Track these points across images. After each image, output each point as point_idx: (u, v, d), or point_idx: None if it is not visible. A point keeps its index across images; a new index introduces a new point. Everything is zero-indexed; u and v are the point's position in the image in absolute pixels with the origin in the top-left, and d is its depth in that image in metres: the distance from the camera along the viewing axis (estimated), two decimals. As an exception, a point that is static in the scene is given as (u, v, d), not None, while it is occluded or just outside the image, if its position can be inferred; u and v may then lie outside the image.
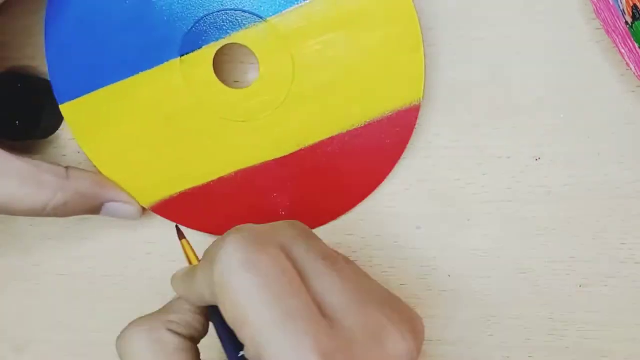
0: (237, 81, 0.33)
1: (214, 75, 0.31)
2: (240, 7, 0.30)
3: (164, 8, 0.31)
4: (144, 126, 0.32)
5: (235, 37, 0.31)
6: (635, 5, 0.28)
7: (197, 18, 0.31)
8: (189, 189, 0.33)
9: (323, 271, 0.24)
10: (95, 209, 0.32)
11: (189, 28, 0.31)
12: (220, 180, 0.33)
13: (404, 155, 0.33)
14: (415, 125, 0.31)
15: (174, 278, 0.29)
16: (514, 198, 0.32)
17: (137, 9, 0.31)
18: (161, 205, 0.34)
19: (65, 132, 0.35)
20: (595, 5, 0.28)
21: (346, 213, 0.34)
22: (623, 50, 0.27)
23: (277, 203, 0.33)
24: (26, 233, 0.36)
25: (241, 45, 0.31)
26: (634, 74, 0.29)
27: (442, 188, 0.33)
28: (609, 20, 0.27)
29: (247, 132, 0.32)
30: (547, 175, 0.32)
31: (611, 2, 0.27)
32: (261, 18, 0.30)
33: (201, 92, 0.32)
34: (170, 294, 0.35)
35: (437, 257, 0.33)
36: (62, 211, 0.31)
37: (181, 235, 0.31)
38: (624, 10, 0.27)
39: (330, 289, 0.24)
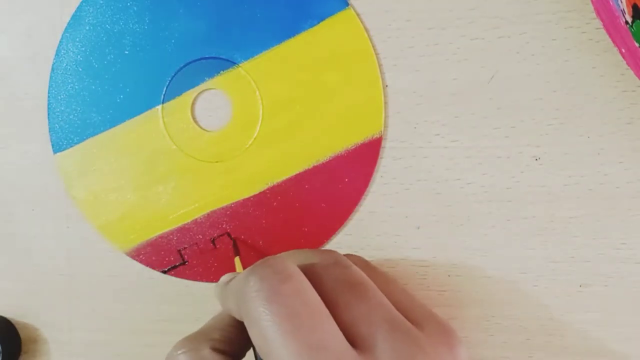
0: (212, 124, 0.34)
1: (191, 119, 0.34)
2: (216, 55, 0.33)
3: (148, 61, 0.34)
4: (125, 172, 0.34)
5: (211, 83, 0.33)
6: (635, 5, 0.28)
7: (178, 67, 0.33)
8: (165, 232, 0.34)
9: (352, 302, 0.24)
10: None
11: (171, 77, 0.34)
12: (195, 222, 0.34)
13: (403, 155, 0.33)
14: (378, 156, 0.33)
15: (216, 286, 0.29)
16: (514, 198, 0.32)
17: (124, 62, 0.34)
18: (137, 250, 0.35)
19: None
20: (595, 4, 0.28)
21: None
22: (623, 50, 0.27)
23: (250, 243, 0.34)
24: (26, 233, 0.36)
25: (216, 90, 0.33)
26: (634, 73, 0.28)
27: (442, 188, 0.33)
28: (608, 19, 0.27)
29: (220, 173, 0.34)
30: (547, 175, 0.32)
31: (611, 2, 0.27)
32: (234, 64, 0.33)
33: (178, 136, 0.34)
34: (168, 296, 0.35)
35: (437, 257, 0.33)
36: None
37: (236, 252, 0.32)
38: (623, 9, 0.27)
39: (359, 319, 0.24)
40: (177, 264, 0.35)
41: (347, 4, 0.32)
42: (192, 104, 0.34)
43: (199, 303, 0.35)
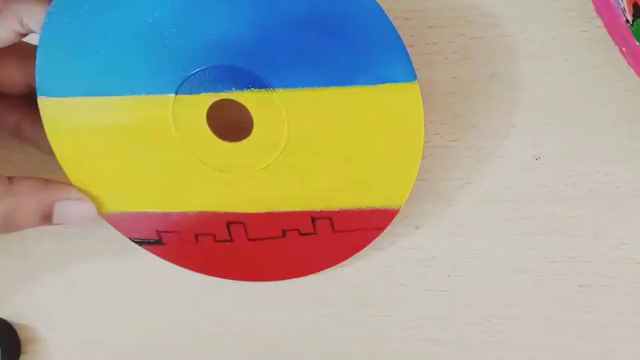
0: (227, 134, 0.32)
1: (205, 122, 0.31)
2: (251, 69, 0.29)
3: (176, 43, 0.29)
4: (119, 145, 0.32)
5: (236, 95, 0.30)
6: (635, 3, 0.28)
7: (207, 65, 0.30)
8: (150, 212, 0.33)
9: None
10: (46, 214, 0.32)
11: (195, 71, 0.30)
12: (183, 215, 0.33)
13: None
14: (386, 226, 0.32)
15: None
16: (514, 198, 0.32)
17: (149, 31, 0.29)
18: (113, 217, 0.33)
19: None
20: (595, 3, 0.27)
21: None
22: (623, 49, 0.27)
23: (224, 253, 0.34)
24: (26, 233, 0.36)
25: (240, 104, 0.30)
26: (635, 72, 0.28)
27: (442, 188, 0.33)
28: (609, 18, 0.27)
29: (221, 181, 0.32)
30: (547, 175, 0.32)
31: (611, 1, 0.27)
32: (269, 87, 0.30)
33: (187, 134, 0.31)
34: (168, 296, 0.36)
35: (437, 257, 0.33)
36: (12, 219, 0.31)
37: None
38: (624, 8, 0.27)
39: None
40: (152, 240, 0.33)
41: (415, 78, 0.29)
42: (210, 108, 0.31)
43: (198, 303, 0.35)
